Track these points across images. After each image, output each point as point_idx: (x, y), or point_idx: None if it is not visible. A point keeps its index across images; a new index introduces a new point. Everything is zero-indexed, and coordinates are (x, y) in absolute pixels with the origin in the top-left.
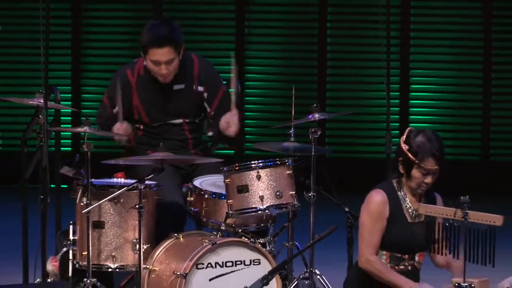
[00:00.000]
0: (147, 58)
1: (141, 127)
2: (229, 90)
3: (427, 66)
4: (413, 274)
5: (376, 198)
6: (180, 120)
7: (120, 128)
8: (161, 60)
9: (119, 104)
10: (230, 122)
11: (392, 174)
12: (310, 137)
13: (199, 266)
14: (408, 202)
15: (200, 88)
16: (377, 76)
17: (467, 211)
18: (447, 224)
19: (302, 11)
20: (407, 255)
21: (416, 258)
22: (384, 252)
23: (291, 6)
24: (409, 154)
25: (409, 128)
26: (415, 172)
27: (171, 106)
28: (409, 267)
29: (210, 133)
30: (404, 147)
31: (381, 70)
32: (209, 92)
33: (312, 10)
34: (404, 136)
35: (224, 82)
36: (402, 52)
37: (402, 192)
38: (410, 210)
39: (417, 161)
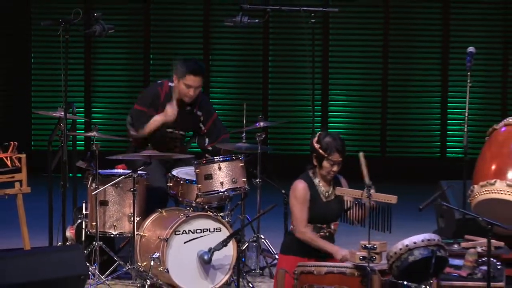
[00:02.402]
0: (181, 82)
1: None
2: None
3: (341, 88)
4: (330, 238)
5: (300, 186)
6: (177, 132)
7: (173, 106)
8: (193, 85)
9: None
10: None
11: (308, 165)
12: (257, 139)
13: (177, 232)
14: (322, 186)
15: (199, 113)
16: (305, 95)
17: (371, 192)
18: (356, 202)
19: (251, 49)
20: (325, 225)
21: (332, 226)
22: (309, 225)
23: (243, 45)
24: (320, 150)
25: (319, 132)
26: (325, 163)
27: (180, 121)
28: (327, 233)
29: (209, 148)
30: (316, 145)
31: (308, 91)
32: (204, 117)
33: (257, 48)
34: (316, 138)
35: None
36: (323, 77)
37: (316, 180)
38: (324, 192)
39: (326, 155)
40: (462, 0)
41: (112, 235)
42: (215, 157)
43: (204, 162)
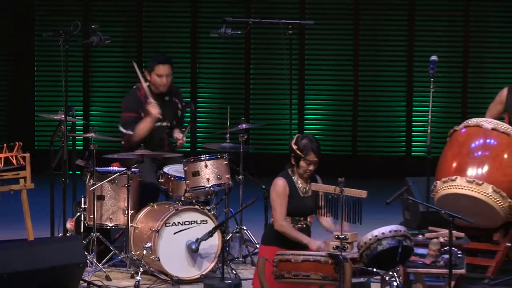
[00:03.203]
0: (154, 74)
1: None
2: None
3: (316, 93)
4: (307, 230)
5: (280, 183)
6: (165, 124)
7: (153, 104)
8: (163, 73)
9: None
10: (179, 139)
11: (287, 165)
12: (239, 139)
13: (167, 224)
14: (299, 183)
15: (176, 100)
16: (283, 99)
17: (343, 188)
18: (329, 197)
19: (234, 57)
20: (302, 218)
21: (308, 219)
22: (288, 217)
23: (227, 54)
24: (298, 151)
25: (297, 135)
26: (302, 163)
27: (164, 112)
28: (304, 225)
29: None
30: (294, 146)
31: (286, 96)
32: (181, 104)
33: (240, 56)
34: (294, 140)
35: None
36: (300, 83)
37: (295, 177)
38: (301, 188)
39: (303, 156)
40: (426, 13)
41: (108, 227)
42: (202, 156)
43: (192, 160)
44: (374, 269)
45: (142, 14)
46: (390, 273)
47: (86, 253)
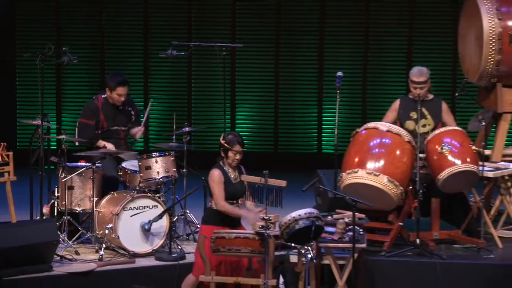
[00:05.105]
0: (114, 93)
1: (100, 131)
2: (141, 118)
3: (244, 102)
4: None
5: (216, 173)
6: (120, 128)
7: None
8: (123, 93)
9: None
10: (137, 133)
11: (218, 158)
12: (183, 140)
13: (125, 209)
14: (230, 172)
15: (129, 108)
16: (219, 107)
17: (267, 178)
18: (256, 186)
19: (179, 73)
20: (235, 201)
21: (239, 202)
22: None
23: (173, 71)
24: (225, 144)
25: (224, 134)
26: (230, 153)
27: (118, 117)
28: (236, 207)
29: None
30: (222, 141)
31: (221, 104)
32: (133, 110)
33: (184, 73)
34: (222, 136)
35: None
36: (232, 94)
37: (226, 167)
38: (232, 176)
39: (230, 147)
40: (333, 37)
41: (77, 211)
42: (153, 153)
43: (145, 157)
44: (293, 244)
45: (104, 38)
46: (306, 247)
47: (59, 233)
